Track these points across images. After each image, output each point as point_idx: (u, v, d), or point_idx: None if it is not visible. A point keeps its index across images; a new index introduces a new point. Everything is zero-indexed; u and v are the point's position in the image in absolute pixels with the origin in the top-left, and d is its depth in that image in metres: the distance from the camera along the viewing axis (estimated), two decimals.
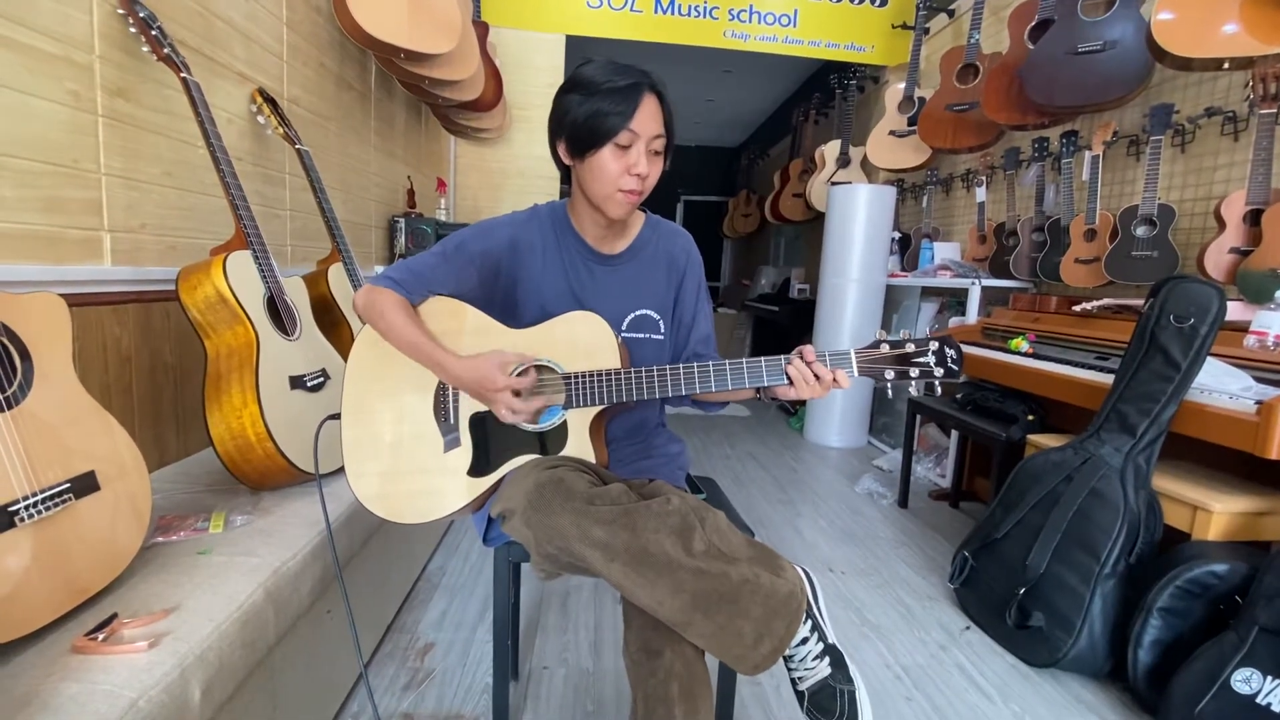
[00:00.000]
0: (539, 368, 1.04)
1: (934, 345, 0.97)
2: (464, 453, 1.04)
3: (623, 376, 0.99)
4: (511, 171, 3.78)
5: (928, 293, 3.33)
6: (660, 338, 1.14)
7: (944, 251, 3.22)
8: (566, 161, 1.04)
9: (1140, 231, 2.10)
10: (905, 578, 2.01)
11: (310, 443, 1.22)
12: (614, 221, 1.06)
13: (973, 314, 2.77)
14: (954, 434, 2.81)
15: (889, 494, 2.71)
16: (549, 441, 1.03)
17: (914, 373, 0.97)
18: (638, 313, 1.12)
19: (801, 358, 0.95)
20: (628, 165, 0.97)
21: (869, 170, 4.02)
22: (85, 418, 0.88)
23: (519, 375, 0.98)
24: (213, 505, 1.18)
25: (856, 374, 0.97)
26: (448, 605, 1.71)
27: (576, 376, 1.01)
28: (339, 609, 1.22)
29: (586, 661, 1.50)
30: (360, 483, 1.04)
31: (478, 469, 1.03)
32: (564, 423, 1.02)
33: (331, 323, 1.65)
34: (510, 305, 1.09)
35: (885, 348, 0.98)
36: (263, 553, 1.01)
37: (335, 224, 1.79)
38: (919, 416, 2.70)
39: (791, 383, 0.95)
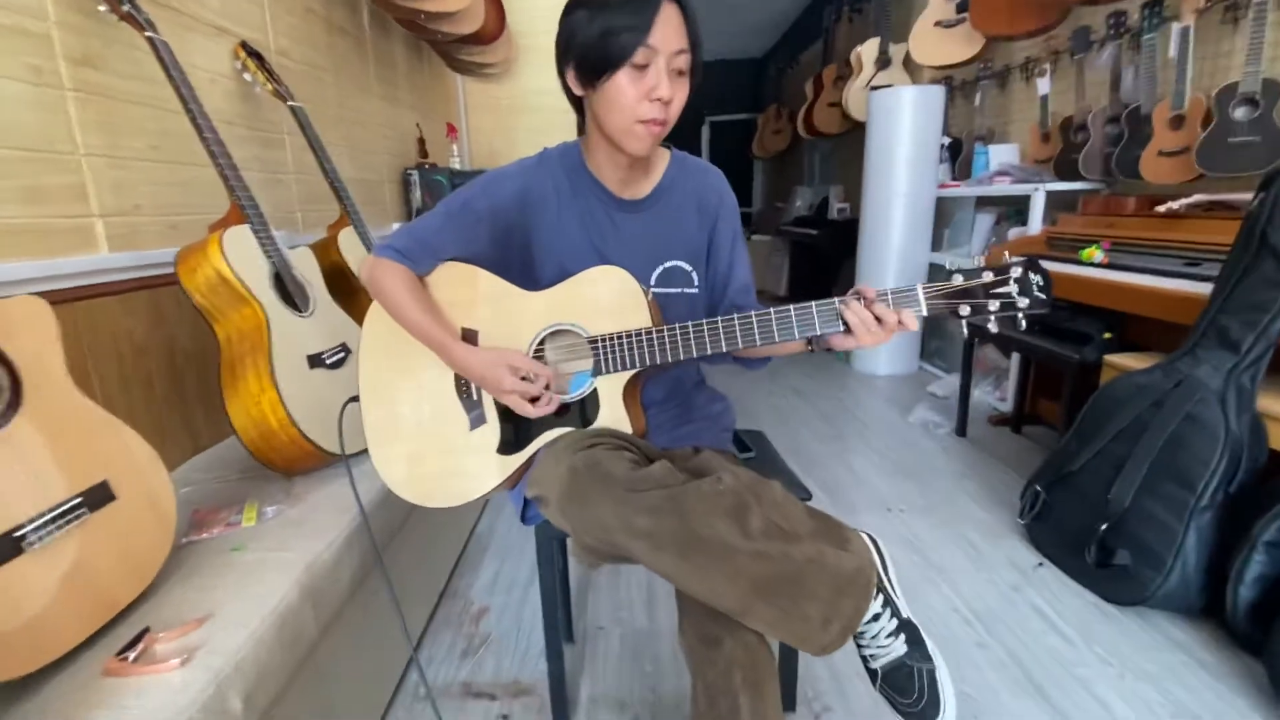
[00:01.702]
0: (562, 331, 0.94)
1: (1016, 271, 0.82)
2: (491, 429, 0.96)
3: (655, 336, 0.88)
4: (524, 108, 3.57)
5: (983, 203, 3.05)
6: (694, 291, 1.02)
7: (1001, 155, 2.92)
8: (578, 92, 0.90)
9: (1240, 114, 1.82)
10: (969, 513, 1.91)
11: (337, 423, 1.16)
12: (636, 160, 0.92)
13: (1036, 223, 2.52)
14: (1015, 355, 2.62)
15: (945, 422, 2.57)
16: (579, 412, 0.94)
17: (994, 306, 0.82)
18: (667, 264, 1.00)
19: (860, 299, 0.82)
20: (647, 89, 0.83)
21: (912, 70, 3.65)
22: (89, 425, 0.83)
23: (527, 376, 0.90)
24: (246, 495, 1.14)
25: (926, 313, 0.83)
26: (499, 567, 1.70)
27: (603, 339, 0.91)
28: (385, 586, 1.19)
29: (641, 620, 1.47)
30: (387, 467, 0.98)
31: (507, 446, 0.96)
32: (594, 391, 0.93)
33: (348, 292, 1.58)
34: (527, 265, 0.98)
35: (958, 279, 0.83)
36: (296, 545, 0.98)
37: (340, 184, 1.69)
38: (976, 339, 2.52)
39: (849, 330, 0.83)
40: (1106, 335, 1.89)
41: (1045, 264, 0.83)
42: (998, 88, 3.13)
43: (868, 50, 3.80)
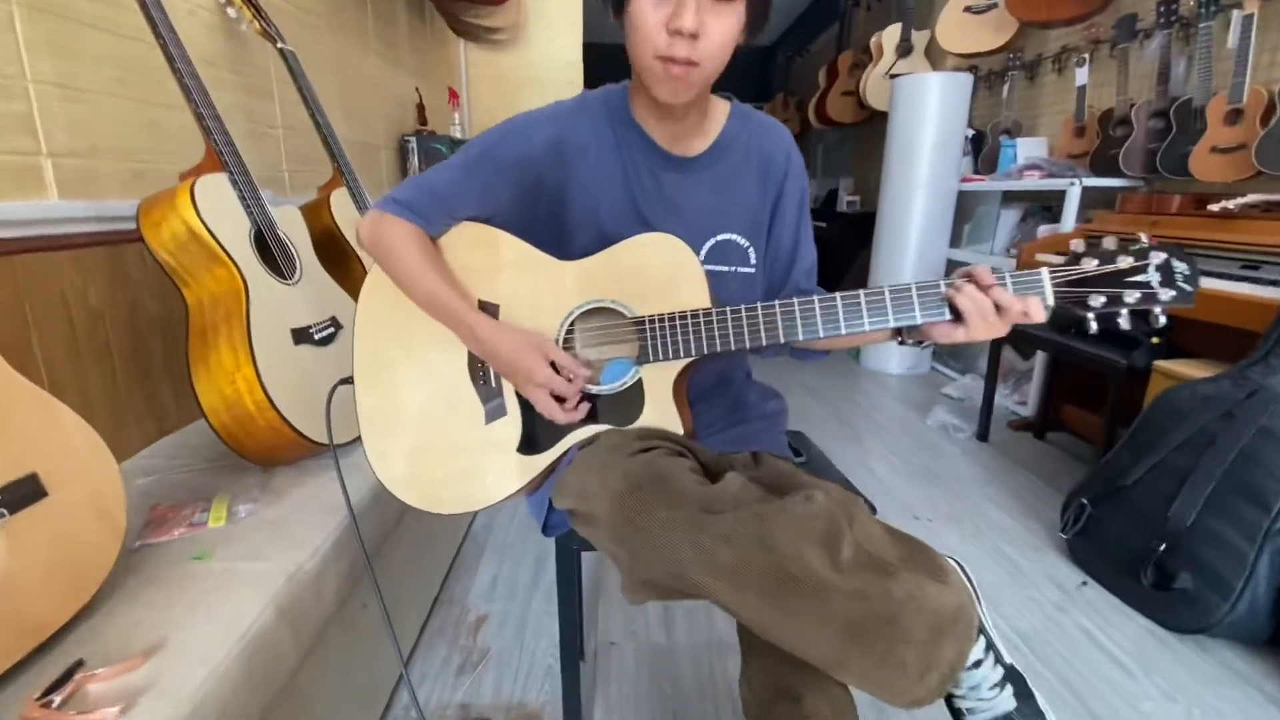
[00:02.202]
0: (599, 310, 0.79)
1: (1158, 257, 0.68)
2: (511, 423, 0.81)
3: (719, 320, 0.73)
4: (529, 80, 3.38)
5: (1009, 198, 2.93)
6: (749, 270, 0.86)
7: (1028, 149, 2.79)
8: (615, 20, 0.75)
9: None
10: (1000, 523, 1.79)
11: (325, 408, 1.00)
12: (668, 109, 0.77)
13: (1070, 220, 2.40)
14: (1039, 357, 2.51)
15: (966, 426, 2.45)
16: (617, 407, 0.79)
17: (1132, 297, 0.68)
18: (720, 237, 0.85)
19: (973, 281, 0.68)
20: (664, 17, 0.67)
21: (935, 58, 3.51)
22: (16, 408, 0.66)
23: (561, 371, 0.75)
24: (215, 488, 0.98)
25: (1052, 302, 0.69)
26: (498, 569, 1.55)
27: (653, 321, 0.76)
28: (376, 600, 1.04)
29: (658, 635, 1.33)
30: (384, 463, 0.82)
31: (530, 444, 0.80)
32: (638, 382, 0.78)
33: (339, 260, 1.41)
34: (557, 229, 0.82)
35: (1091, 263, 0.69)
36: (272, 554, 0.82)
37: (334, 139, 1.51)
38: (1002, 340, 2.40)
39: (960, 318, 0.68)
40: (1155, 339, 1.77)
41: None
42: (1026, 79, 3.00)
43: (889, 37, 3.65)
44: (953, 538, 1.71)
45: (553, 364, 0.76)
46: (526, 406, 0.80)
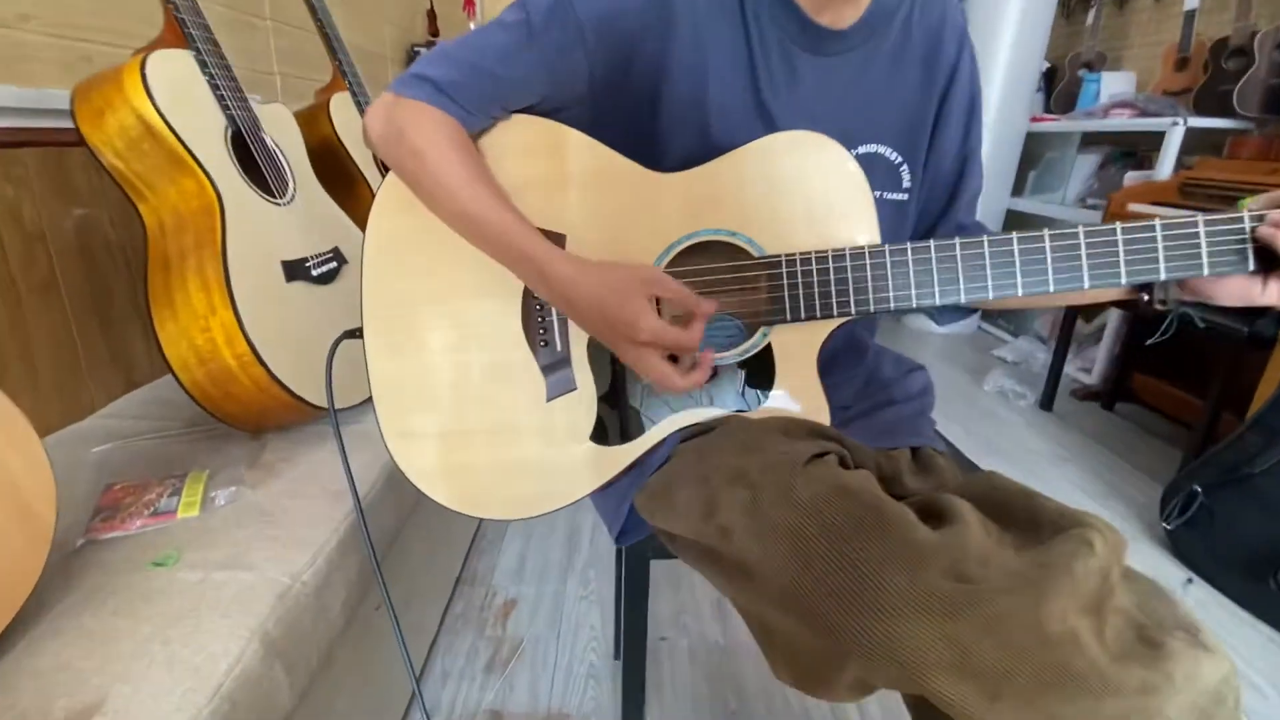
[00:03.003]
0: (714, 244, 0.56)
1: None
2: (582, 402, 0.59)
3: (894, 263, 0.51)
4: None
5: (1086, 141, 2.62)
6: (900, 197, 0.63)
7: (1114, 84, 2.48)
8: None
9: None
10: (1082, 506, 1.59)
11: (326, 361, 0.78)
12: None
13: (1167, 167, 2.11)
14: (1111, 318, 2.28)
15: (1027, 393, 2.24)
16: (737, 384, 0.57)
17: None
18: (865, 149, 0.61)
19: None
20: None
21: None
22: None
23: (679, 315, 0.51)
24: (190, 460, 0.78)
25: None
26: (525, 546, 1.37)
27: (793, 263, 0.53)
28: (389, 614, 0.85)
29: (712, 631, 1.16)
30: (408, 449, 0.61)
31: (608, 431, 0.59)
32: (767, 349, 0.56)
33: (342, 180, 1.17)
34: (648, 127, 0.58)
35: None
36: (260, 558, 0.62)
37: (333, 31, 1.24)
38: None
39: (1265, 268, 0.46)
40: None
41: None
42: (1116, 3, 2.65)
43: None
44: None
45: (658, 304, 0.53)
46: (606, 375, 0.59)
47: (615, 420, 0.59)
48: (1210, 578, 1.34)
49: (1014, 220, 2.86)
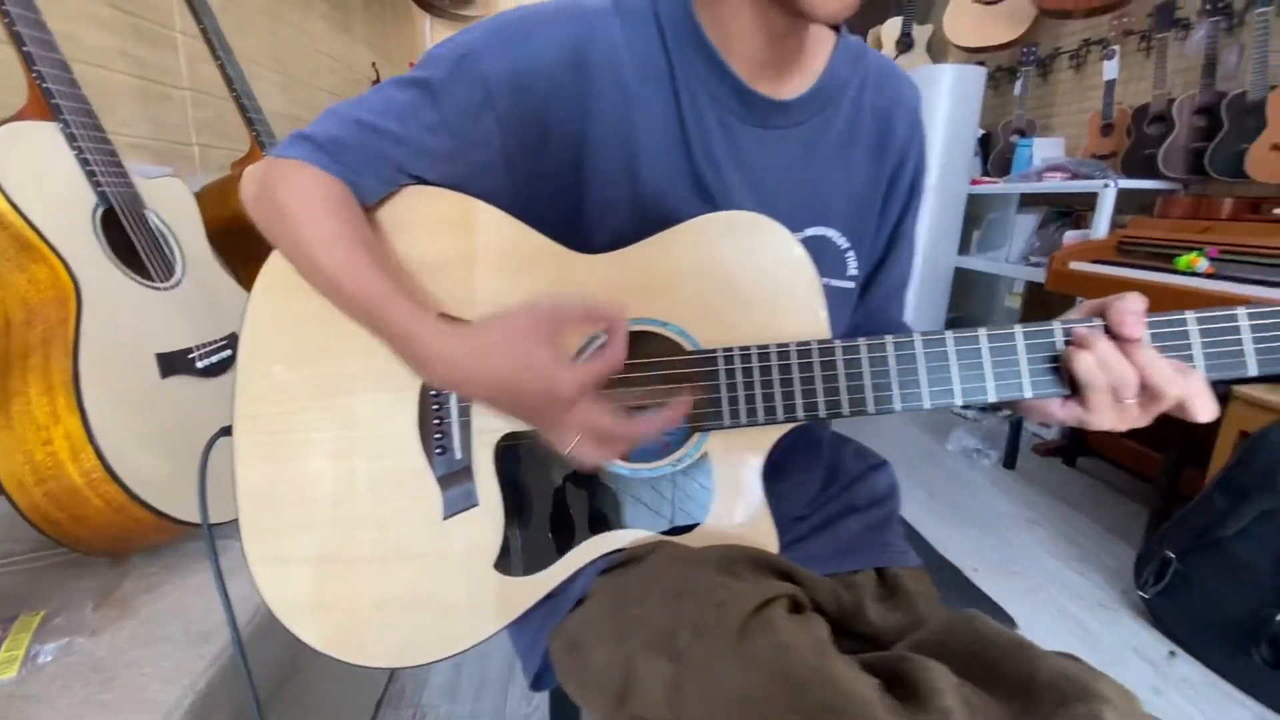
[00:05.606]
0: (643, 336, 0.48)
1: None
2: (485, 518, 0.49)
3: (846, 361, 0.44)
4: None
5: (1025, 202, 2.72)
6: (847, 285, 0.57)
7: (1046, 149, 2.60)
8: None
9: None
10: (1057, 575, 1.54)
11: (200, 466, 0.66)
12: (797, 29, 0.48)
13: (1102, 226, 2.18)
14: None
15: (990, 451, 2.22)
16: (667, 497, 0.48)
17: None
18: (813, 232, 0.55)
19: (1106, 333, 0.40)
20: None
21: (937, 53, 3.31)
22: None
23: (588, 357, 0.43)
24: (28, 595, 0.64)
25: (1257, 370, 0.40)
26: (459, 659, 1.21)
27: (732, 357, 0.46)
28: None
29: None
30: (274, 576, 0.50)
31: (517, 556, 0.49)
32: (704, 456, 0.47)
33: (254, 258, 1.07)
34: (576, 201, 0.51)
35: None
36: None
37: (248, 100, 1.17)
38: None
39: (1079, 394, 0.40)
40: None
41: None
42: (1040, 75, 2.81)
43: (888, 30, 3.44)
44: (1009, 593, 1.45)
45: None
46: (511, 492, 0.49)
47: (523, 543, 0.49)
48: (1193, 649, 1.27)
49: (962, 277, 2.92)
